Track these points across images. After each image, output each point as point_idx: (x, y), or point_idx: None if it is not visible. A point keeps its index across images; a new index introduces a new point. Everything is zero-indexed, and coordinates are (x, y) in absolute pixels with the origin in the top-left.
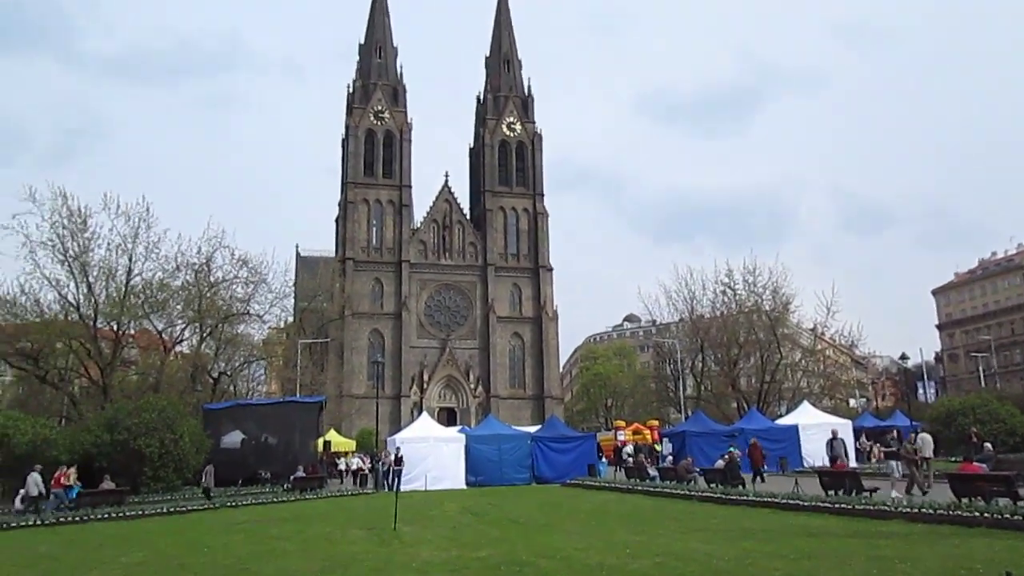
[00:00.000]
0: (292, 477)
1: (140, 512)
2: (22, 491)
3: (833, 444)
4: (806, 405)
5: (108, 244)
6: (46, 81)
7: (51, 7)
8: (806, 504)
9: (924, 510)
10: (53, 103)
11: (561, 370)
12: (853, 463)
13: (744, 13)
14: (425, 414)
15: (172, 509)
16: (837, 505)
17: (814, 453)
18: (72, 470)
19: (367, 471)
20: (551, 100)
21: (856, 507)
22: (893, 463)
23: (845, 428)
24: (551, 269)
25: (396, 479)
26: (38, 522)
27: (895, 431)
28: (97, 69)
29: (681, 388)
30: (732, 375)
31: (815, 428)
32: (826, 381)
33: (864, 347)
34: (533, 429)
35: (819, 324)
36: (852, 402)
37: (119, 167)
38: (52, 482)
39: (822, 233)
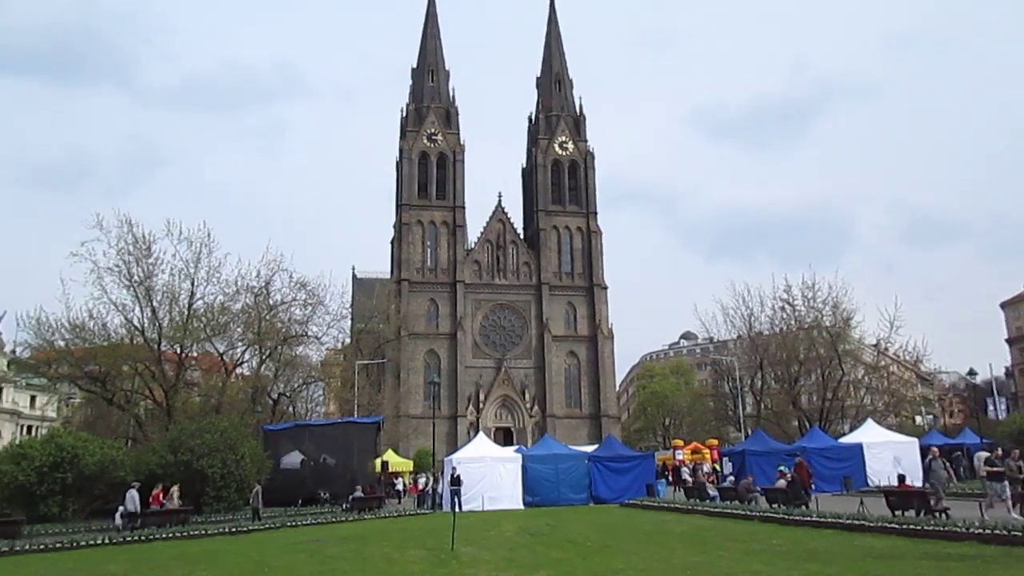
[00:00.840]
0: (351, 497)
1: (203, 532)
2: (122, 507)
3: (933, 465)
4: (870, 423)
5: (171, 269)
6: (111, 112)
7: (116, 41)
8: (872, 525)
9: (997, 531)
10: (117, 133)
11: (617, 389)
12: (920, 483)
13: (795, 24)
14: (481, 434)
15: (234, 529)
16: (905, 526)
17: (880, 472)
18: (175, 489)
19: (428, 491)
20: (603, 117)
21: (926, 528)
22: (997, 484)
23: (912, 447)
24: (606, 287)
25: (454, 499)
26: (106, 540)
27: (999, 449)
28: (159, 100)
29: (740, 406)
30: (793, 393)
31: (880, 447)
32: (891, 398)
33: (930, 363)
34: (590, 449)
35: (882, 340)
36: (918, 419)
37: (180, 194)
38: (150, 500)
39: (883, 246)
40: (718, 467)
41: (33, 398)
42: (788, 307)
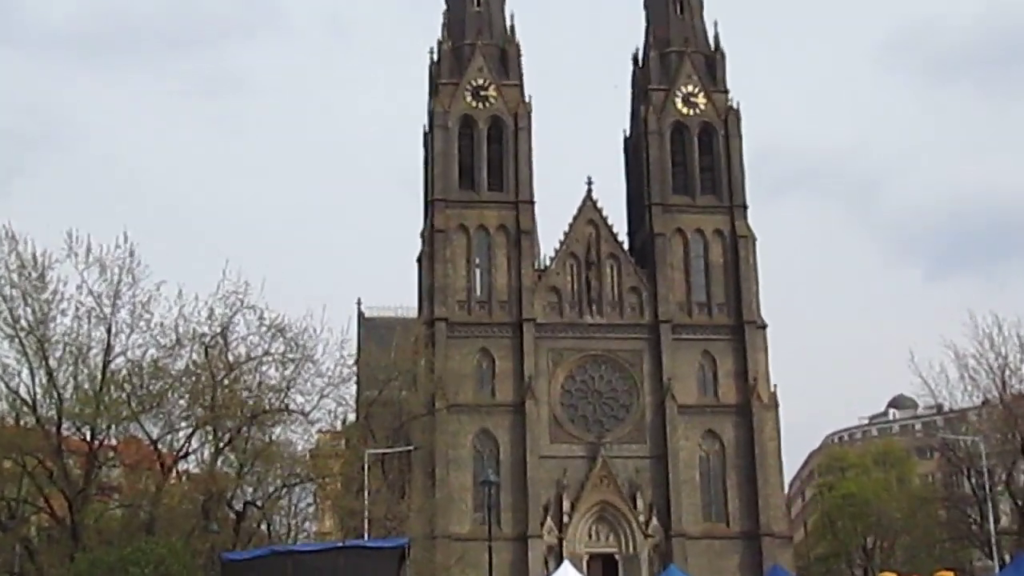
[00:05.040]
0: None
1: None
2: None
3: None
4: None
5: (76, 308)
6: None
7: None
8: None
9: None
10: None
11: (786, 490)
12: None
13: None
14: (568, 564)
15: None
16: None
17: None
18: None
19: None
20: (750, 56)
21: None
22: None
23: None
24: (764, 326)
25: None
26: None
27: None
28: (50, 50)
29: (991, 517)
30: None
31: None
32: None
33: None
34: None
35: None
36: None
37: (84, 190)
38: None
39: None
40: None
41: None
42: None
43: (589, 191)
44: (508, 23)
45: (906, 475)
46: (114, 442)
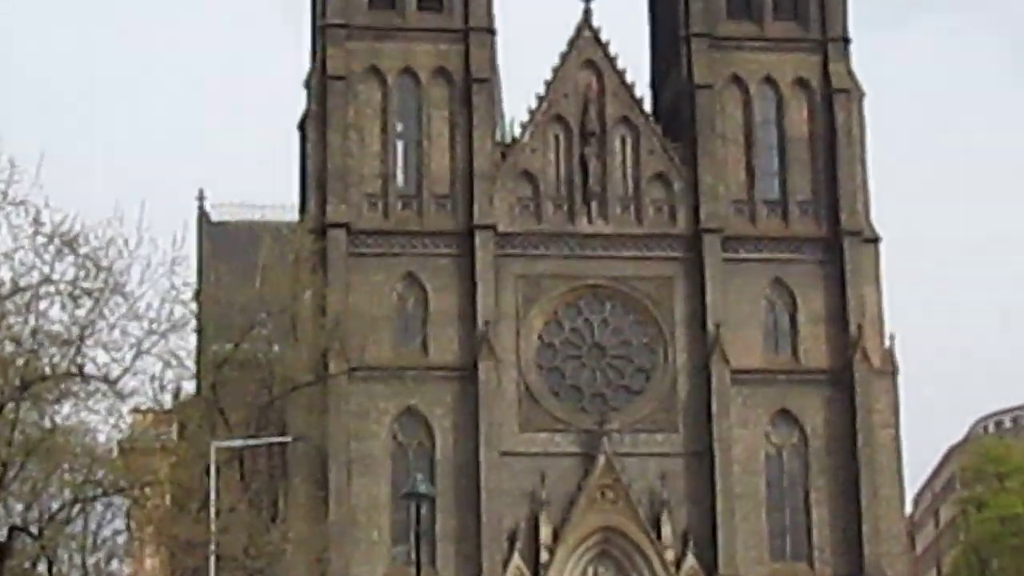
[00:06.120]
0: None
1: None
2: None
3: None
4: None
5: None
6: None
7: None
8: None
9: None
10: None
11: (909, 508)
12: None
13: None
14: None
15: None
16: None
17: None
18: None
19: None
20: None
21: None
22: None
23: None
24: (875, 239)
25: None
26: None
27: None
28: None
29: None
30: None
31: None
32: None
33: None
34: None
35: None
36: None
37: None
38: None
39: None
40: None
41: None
42: None
43: (587, 14)
44: None
45: None
46: None
